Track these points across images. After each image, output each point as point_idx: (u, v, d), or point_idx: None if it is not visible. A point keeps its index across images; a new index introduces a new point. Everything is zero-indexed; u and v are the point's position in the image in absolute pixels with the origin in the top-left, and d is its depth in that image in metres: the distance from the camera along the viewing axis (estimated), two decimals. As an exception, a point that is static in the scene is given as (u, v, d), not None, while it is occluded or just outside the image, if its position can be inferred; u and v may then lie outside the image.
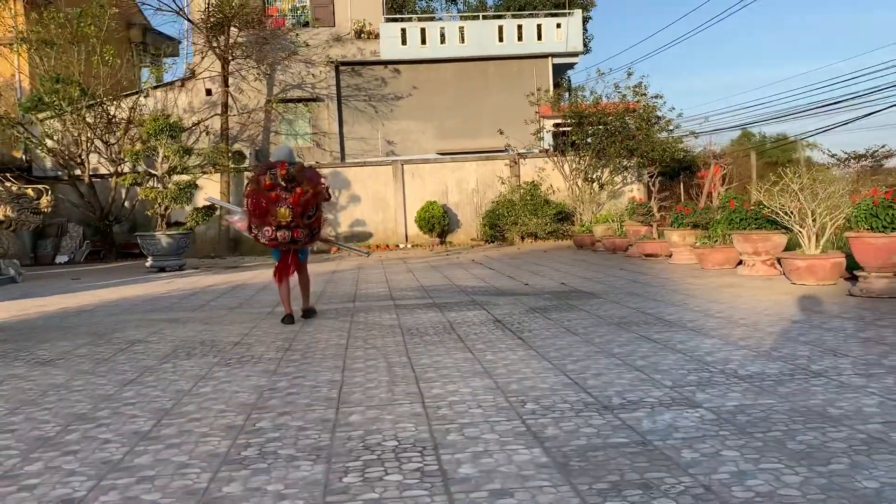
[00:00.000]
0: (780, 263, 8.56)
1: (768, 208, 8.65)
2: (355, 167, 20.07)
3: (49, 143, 17.10)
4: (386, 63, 21.33)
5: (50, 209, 12.75)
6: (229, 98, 19.20)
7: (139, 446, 3.19)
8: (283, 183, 6.23)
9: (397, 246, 19.37)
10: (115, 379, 4.59)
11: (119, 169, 17.87)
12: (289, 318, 6.68)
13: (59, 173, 19.12)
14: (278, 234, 6.36)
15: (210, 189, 19.30)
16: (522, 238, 19.17)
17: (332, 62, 20.87)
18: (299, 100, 20.76)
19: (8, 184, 12.59)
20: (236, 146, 20.50)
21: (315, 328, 6.35)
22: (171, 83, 20.82)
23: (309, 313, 7.02)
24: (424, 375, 4.33)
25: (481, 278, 10.36)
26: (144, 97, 20.14)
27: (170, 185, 14.14)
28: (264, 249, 8.76)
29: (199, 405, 3.85)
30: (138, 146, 14.95)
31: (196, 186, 14.67)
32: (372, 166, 20.08)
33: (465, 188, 20.02)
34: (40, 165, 19.94)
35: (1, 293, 11.10)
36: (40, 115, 17.13)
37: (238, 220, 8.08)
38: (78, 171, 18.31)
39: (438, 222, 19.08)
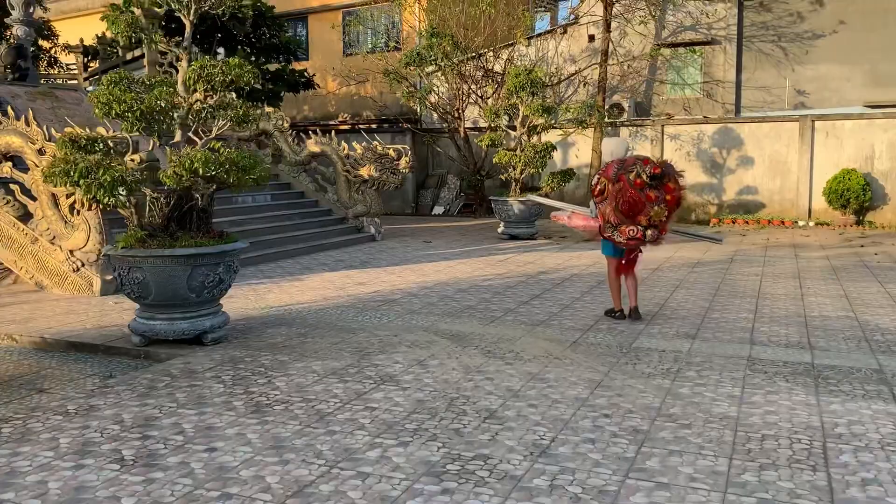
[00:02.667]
0: None
1: None
2: (750, 123, 16.70)
3: (432, 96, 17.30)
4: (806, -8, 17.20)
5: (408, 170, 12.62)
6: (610, 44, 17.33)
7: None
8: (649, 181, 6.02)
9: (795, 223, 15.71)
10: (286, 479, 3.37)
11: (492, 124, 17.40)
12: (620, 314, 6.70)
13: (443, 126, 19.55)
14: (648, 232, 6.17)
15: (582, 146, 17.92)
16: (984, 225, 14.02)
17: (735, -4, 17.50)
18: (690, 43, 17.91)
19: (375, 143, 12.74)
20: (615, 98, 18.66)
21: (609, 399, 4.43)
22: (552, 30, 19.66)
23: (636, 313, 6.66)
24: None
25: (905, 309, 7.12)
26: (526, 47, 19.39)
27: (526, 148, 13.02)
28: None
29: None
30: (501, 102, 14.11)
31: (554, 148, 13.31)
32: (772, 122, 16.49)
33: (900, 153, 15.31)
34: (427, 118, 20.71)
35: (353, 254, 11.25)
36: (428, 69, 17.46)
37: (566, 217, 6.96)
38: (456, 125, 18.43)
39: (856, 196, 14.91)
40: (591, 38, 19.08)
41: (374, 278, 9.04)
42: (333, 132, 13.31)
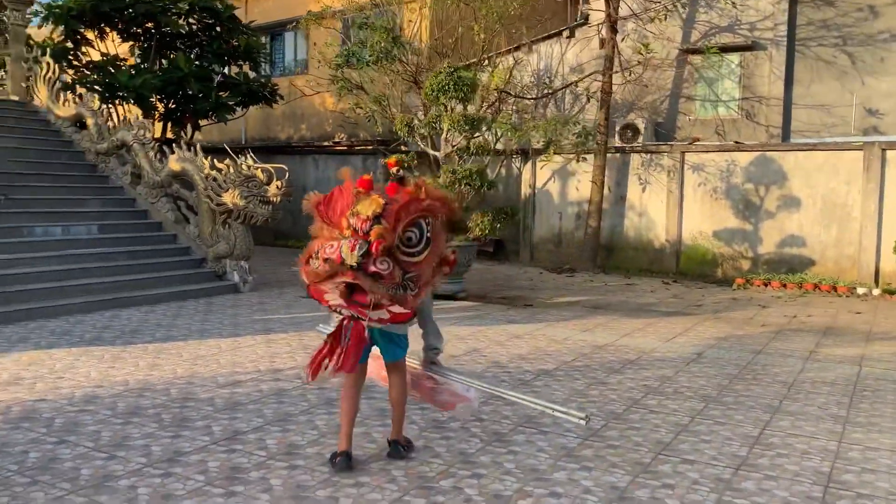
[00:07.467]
0: None
1: None
2: (797, 151, 12.49)
3: (376, 108, 13.72)
4: (884, -18, 12.94)
5: (280, 199, 9.27)
6: (615, 49, 13.53)
7: None
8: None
9: (852, 290, 11.31)
10: None
11: (471, 144, 13.77)
12: (344, 461, 3.57)
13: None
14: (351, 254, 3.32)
15: (582, 178, 14.15)
16: None
17: (786, -12, 13.39)
18: (726, 49, 13.89)
19: (242, 159, 9.47)
20: (630, 116, 14.79)
21: None
22: (557, 34, 15.98)
23: (398, 450, 3.74)
24: None
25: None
26: (526, 54, 15.85)
27: (443, 174, 9.46)
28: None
29: None
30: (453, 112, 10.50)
31: (485, 178, 9.63)
32: (827, 150, 12.24)
33: None
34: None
35: (189, 317, 7.97)
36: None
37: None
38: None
39: (943, 256, 10.52)
40: (603, 42, 15.32)
41: (178, 361, 5.68)
42: (199, 145, 10.14)
